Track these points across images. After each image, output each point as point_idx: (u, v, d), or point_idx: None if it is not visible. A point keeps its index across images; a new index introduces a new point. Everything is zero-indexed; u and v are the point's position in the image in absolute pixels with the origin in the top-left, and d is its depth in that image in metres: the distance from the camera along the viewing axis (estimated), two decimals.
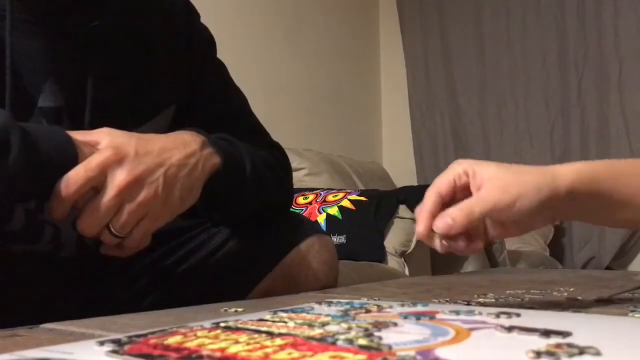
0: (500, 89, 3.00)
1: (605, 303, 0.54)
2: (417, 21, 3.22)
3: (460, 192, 0.54)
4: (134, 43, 0.72)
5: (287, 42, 2.68)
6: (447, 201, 0.53)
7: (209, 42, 0.85)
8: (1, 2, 0.61)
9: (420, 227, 0.53)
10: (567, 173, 0.51)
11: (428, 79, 3.17)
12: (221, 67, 0.86)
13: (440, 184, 0.54)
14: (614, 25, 2.74)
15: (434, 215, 0.52)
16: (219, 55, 0.86)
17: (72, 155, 0.56)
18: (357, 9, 3.18)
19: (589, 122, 2.80)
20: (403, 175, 2.99)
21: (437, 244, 0.53)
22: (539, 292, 0.62)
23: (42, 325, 0.44)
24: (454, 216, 0.50)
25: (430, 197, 0.53)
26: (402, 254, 2.31)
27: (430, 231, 0.52)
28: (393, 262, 2.27)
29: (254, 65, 2.41)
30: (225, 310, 0.50)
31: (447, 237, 0.51)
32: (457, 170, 0.54)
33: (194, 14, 0.83)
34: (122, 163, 0.57)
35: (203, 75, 0.82)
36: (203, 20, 0.85)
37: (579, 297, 0.58)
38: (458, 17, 3.12)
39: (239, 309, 0.51)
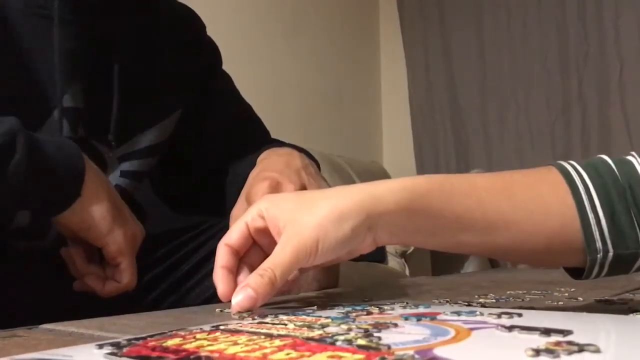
0: (500, 89, 3.00)
1: (606, 303, 0.54)
2: (418, 21, 3.22)
3: (261, 237, 0.49)
4: (147, 48, 0.74)
5: (286, 42, 2.68)
6: (246, 250, 0.49)
7: (216, 50, 0.88)
8: (46, 2, 0.63)
9: (221, 288, 0.46)
10: (389, 192, 0.45)
11: (428, 79, 3.17)
12: (227, 77, 0.89)
13: (230, 234, 0.49)
14: (615, 25, 2.73)
15: (231, 272, 0.47)
16: None
17: (78, 166, 0.56)
18: (357, 8, 3.18)
19: (590, 122, 2.80)
20: (403, 175, 2.96)
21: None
22: (539, 292, 0.62)
23: (41, 326, 0.44)
24: (256, 286, 0.44)
25: (220, 252, 0.48)
26: (403, 255, 2.31)
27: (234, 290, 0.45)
28: (393, 263, 2.27)
29: (253, 66, 2.41)
30: (221, 311, 0.49)
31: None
32: (251, 213, 0.48)
33: (200, 23, 0.86)
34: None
35: (212, 82, 0.85)
36: (202, 20, 0.87)
37: (580, 298, 0.58)
38: (458, 17, 3.12)
39: None
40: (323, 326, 0.37)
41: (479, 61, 3.05)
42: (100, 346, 0.32)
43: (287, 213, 0.47)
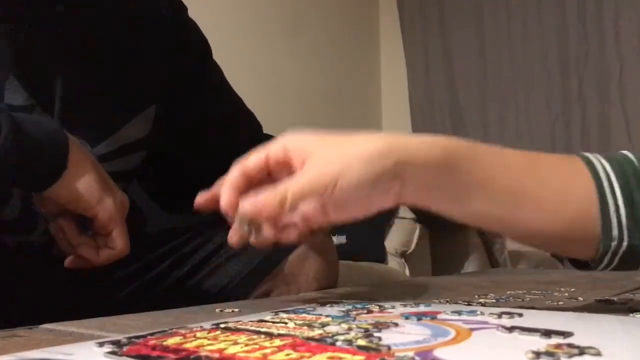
0: (500, 89, 3.00)
1: (606, 303, 0.54)
2: (418, 21, 3.22)
3: (279, 170, 0.46)
4: (109, 34, 0.69)
5: (286, 42, 2.68)
6: (259, 179, 0.47)
7: (202, 40, 0.82)
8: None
9: (224, 199, 0.46)
10: (421, 144, 0.44)
11: (428, 79, 3.17)
12: (217, 68, 0.85)
13: (248, 158, 0.47)
14: (615, 25, 2.74)
15: (238, 189, 0.46)
16: (217, 56, 0.86)
17: (61, 140, 0.55)
18: (357, 8, 3.18)
19: (590, 122, 2.80)
20: None
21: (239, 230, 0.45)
22: (539, 292, 0.62)
23: (41, 326, 0.44)
24: (264, 199, 0.43)
25: (233, 171, 0.47)
26: (403, 254, 2.31)
27: (236, 207, 0.44)
28: (393, 263, 2.27)
29: (253, 66, 2.41)
30: (221, 311, 0.49)
31: (253, 222, 0.44)
32: (274, 146, 0.46)
33: (181, 7, 0.80)
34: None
35: (201, 75, 0.80)
36: (201, 20, 0.84)
37: (580, 298, 0.58)
38: (458, 17, 3.12)
39: (235, 310, 0.51)
40: (323, 325, 0.37)
41: (479, 61, 3.05)
42: (101, 344, 0.32)
43: (314, 146, 0.44)
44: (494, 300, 0.55)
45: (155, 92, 0.74)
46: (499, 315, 0.39)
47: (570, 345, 0.29)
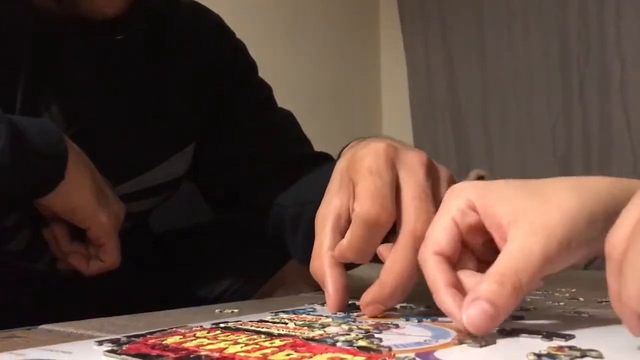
0: (501, 89, 2.99)
1: (607, 304, 0.54)
2: (418, 21, 3.22)
3: (474, 237, 0.37)
4: (152, 70, 0.68)
5: (286, 42, 2.68)
6: (458, 257, 0.38)
7: (246, 66, 0.82)
8: (22, 15, 0.58)
9: (451, 309, 0.34)
10: (627, 192, 0.34)
11: (429, 79, 3.17)
12: (260, 86, 0.83)
13: (437, 239, 0.37)
14: (616, 25, 2.73)
15: (453, 284, 0.35)
16: None
17: (61, 150, 0.55)
18: (358, 8, 3.18)
19: (591, 122, 2.80)
20: None
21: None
22: (540, 292, 0.62)
23: (40, 327, 0.44)
24: (494, 297, 0.32)
25: (433, 266, 0.36)
26: None
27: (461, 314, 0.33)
28: None
29: None
30: (221, 312, 0.49)
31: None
32: (457, 206, 0.37)
33: (225, 34, 0.81)
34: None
35: (241, 97, 0.78)
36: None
37: (581, 298, 0.58)
38: (459, 17, 3.12)
39: (235, 310, 0.51)
40: (323, 326, 0.37)
41: (480, 62, 3.05)
42: (100, 343, 0.32)
43: (515, 202, 0.35)
44: None
45: (195, 130, 0.73)
46: None
47: (571, 348, 0.29)
